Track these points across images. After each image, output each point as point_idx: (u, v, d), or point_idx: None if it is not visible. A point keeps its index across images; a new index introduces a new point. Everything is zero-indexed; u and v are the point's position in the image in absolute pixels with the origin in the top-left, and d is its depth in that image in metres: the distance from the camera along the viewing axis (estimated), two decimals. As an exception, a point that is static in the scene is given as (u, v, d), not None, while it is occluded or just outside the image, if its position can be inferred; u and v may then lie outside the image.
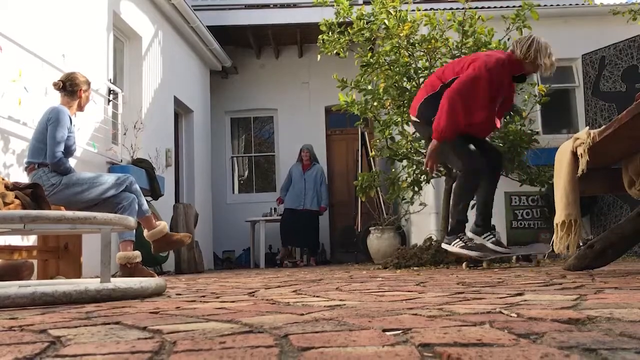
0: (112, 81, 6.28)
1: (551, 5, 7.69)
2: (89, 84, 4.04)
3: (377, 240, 7.29)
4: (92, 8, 5.80)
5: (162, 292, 2.16)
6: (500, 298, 1.51)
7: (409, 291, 1.91)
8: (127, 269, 3.82)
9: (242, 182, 10.71)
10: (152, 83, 7.25)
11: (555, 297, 1.49)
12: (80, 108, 4.02)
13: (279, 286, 2.55)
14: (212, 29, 8.75)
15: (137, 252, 3.91)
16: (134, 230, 3.84)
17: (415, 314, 1.16)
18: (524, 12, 5.33)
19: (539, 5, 5.69)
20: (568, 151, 2.57)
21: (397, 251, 5.17)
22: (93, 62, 5.66)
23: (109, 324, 1.17)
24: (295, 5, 9.52)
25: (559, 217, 2.57)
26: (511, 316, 1.08)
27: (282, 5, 9.52)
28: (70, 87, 3.92)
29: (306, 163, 8.50)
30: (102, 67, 5.93)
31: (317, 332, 0.93)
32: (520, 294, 1.61)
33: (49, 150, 3.68)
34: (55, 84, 3.94)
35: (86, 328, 1.10)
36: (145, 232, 4.08)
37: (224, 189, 10.08)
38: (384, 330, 0.93)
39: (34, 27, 4.76)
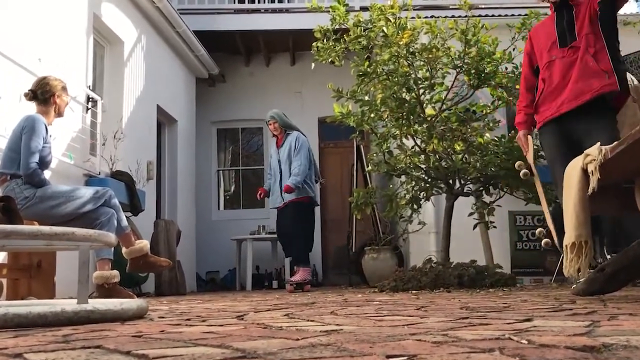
0: (91, 88, 6.28)
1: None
2: (64, 87, 4.02)
3: (373, 261, 7.28)
4: (70, 9, 5.81)
5: (143, 314, 2.15)
6: (508, 324, 1.51)
7: (409, 316, 1.91)
8: (105, 290, 3.79)
9: (228, 197, 10.68)
10: (134, 91, 7.26)
11: (567, 323, 1.49)
12: (59, 114, 4.01)
13: (269, 309, 2.54)
14: (199, 34, 8.78)
15: (116, 272, 3.89)
16: (112, 248, 3.84)
17: (419, 340, 1.16)
18: (531, 21, 5.40)
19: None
20: (578, 168, 2.59)
21: (394, 273, 5.16)
22: (71, 67, 5.65)
23: (89, 347, 1.16)
24: (287, 11, 9.58)
25: (568, 238, 2.58)
26: (522, 343, 1.08)
27: (274, 10, 9.58)
28: (42, 95, 3.90)
29: (279, 137, 6.72)
30: (81, 72, 5.93)
31: (315, 359, 0.93)
32: (528, 320, 1.61)
33: (22, 160, 3.66)
34: (25, 95, 3.91)
35: (65, 352, 1.09)
36: (124, 250, 4.06)
37: (209, 205, 10.05)
38: (388, 357, 0.93)
39: (7, 28, 4.76)
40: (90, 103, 6.17)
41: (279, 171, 6.57)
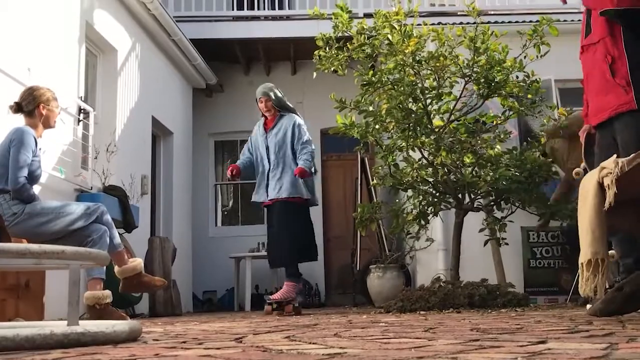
0: (83, 99, 6.31)
1: (572, 21, 7.81)
2: (53, 97, 4.03)
3: (379, 280, 7.25)
4: (62, 17, 5.84)
5: (137, 337, 2.15)
6: (521, 346, 1.51)
7: (417, 338, 1.90)
8: (96, 311, 3.79)
9: (226, 213, 10.68)
10: (128, 101, 7.28)
11: (583, 345, 1.48)
12: (49, 125, 4.02)
13: (269, 331, 2.54)
14: (196, 43, 8.83)
15: (108, 292, 3.89)
16: (105, 267, 3.84)
17: (427, 364, 1.16)
18: (542, 28, 5.42)
19: (558, 21, 5.79)
20: (593, 182, 2.59)
21: (401, 293, 5.15)
22: (62, 77, 5.68)
23: (79, 372, 1.16)
24: (288, 18, 9.63)
25: (584, 255, 2.57)
26: (535, 367, 1.08)
27: (274, 18, 9.63)
28: (27, 107, 3.91)
29: (269, 118, 5.69)
30: (73, 83, 5.96)
31: (317, 383, 0.93)
32: (542, 342, 1.61)
33: (10, 175, 3.67)
34: (10, 107, 3.92)
35: (54, 377, 1.09)
36: (117, 269, 4.06)
37: (206, 221, 10.05)
38: (393, 382, 0.93)
39: (-3, 38, 4.80)
40: (82, 114, 6.19)
41: (267, 161, 5.54)
